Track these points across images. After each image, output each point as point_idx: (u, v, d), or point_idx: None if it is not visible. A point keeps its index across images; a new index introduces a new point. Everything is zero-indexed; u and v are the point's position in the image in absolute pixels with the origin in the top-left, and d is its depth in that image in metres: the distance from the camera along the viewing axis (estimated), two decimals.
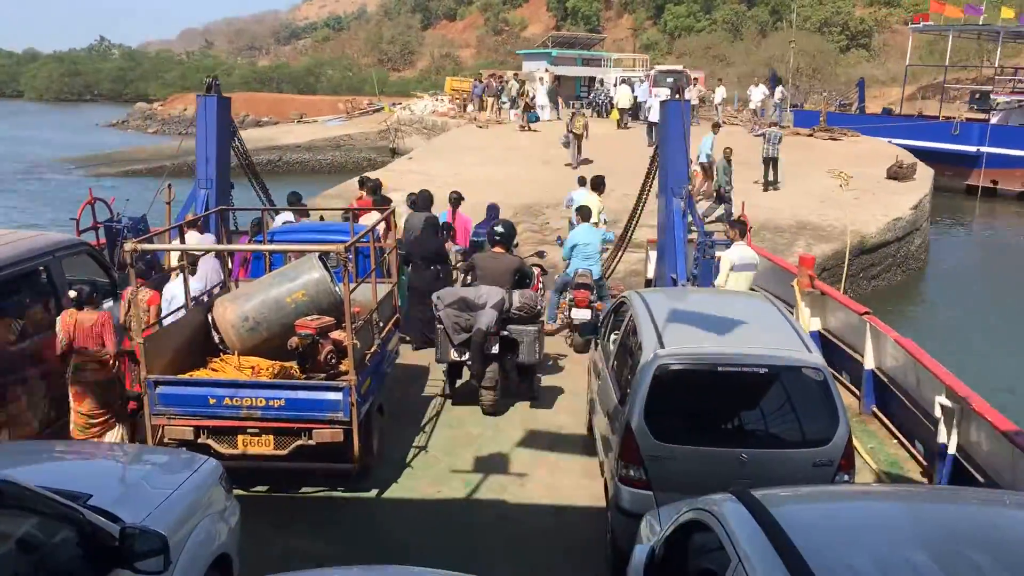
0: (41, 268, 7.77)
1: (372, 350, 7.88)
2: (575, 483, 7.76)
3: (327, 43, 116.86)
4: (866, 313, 9.62)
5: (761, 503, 3.69)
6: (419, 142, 39.77)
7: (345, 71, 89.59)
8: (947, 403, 7.43)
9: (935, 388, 7.76)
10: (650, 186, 13.55)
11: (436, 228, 11.52)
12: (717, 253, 11.06)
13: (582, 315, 11.27)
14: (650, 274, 14.00)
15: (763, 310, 7.33)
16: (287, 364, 7.69)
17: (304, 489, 7.55)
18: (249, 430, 7.06)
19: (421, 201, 12.08)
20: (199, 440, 7.01)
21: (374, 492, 7.52)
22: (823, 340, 10.45)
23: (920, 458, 8.17)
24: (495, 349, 9.13)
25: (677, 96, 12.39)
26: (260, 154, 42.19)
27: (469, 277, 9.98)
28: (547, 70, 45.48)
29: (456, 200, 13.03)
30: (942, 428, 7.46)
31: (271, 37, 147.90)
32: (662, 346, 6.26)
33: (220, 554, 5.04)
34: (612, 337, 7.87)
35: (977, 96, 41.12)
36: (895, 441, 8.75)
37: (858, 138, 32.54)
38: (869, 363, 9.42)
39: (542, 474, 7.93)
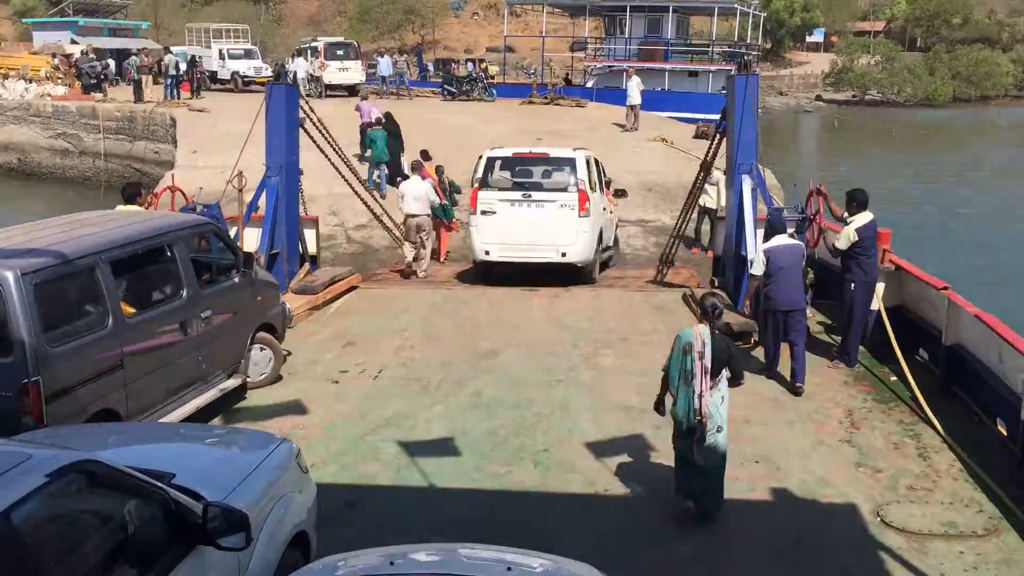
0: (167, 245, 8.16)
1: None
2: (645, 463, 7.76)
3: None
4: (944, 288, 9.35)
5: None
6: (30, 133, 33.15)
7: None
8: None
9: (1019, 364, 7.52)
10: (710, 164, 13.36)
11: None
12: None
13: None
14: (718, 251, 13.83)
15: None
16: None
17: (371, 470, 7.71)
18: None
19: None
20: None
21: (442, 468, 7.64)
22: (898, 316, 10.19)
23: (1003, 435, 7.94)
24: None
25: (743, 70, 12.17)
26: None
27: None
28: (73, 41, 41.21)
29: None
30: None
31: None
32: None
33: (298, 532, 5.15)
34: None
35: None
36: (975, 418, 8.52)
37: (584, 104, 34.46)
38: (948, 338, 9.17)
39: (610, 453, 7.92)
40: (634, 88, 28.44)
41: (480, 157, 13.98)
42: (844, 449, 8.02)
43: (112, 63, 38.46)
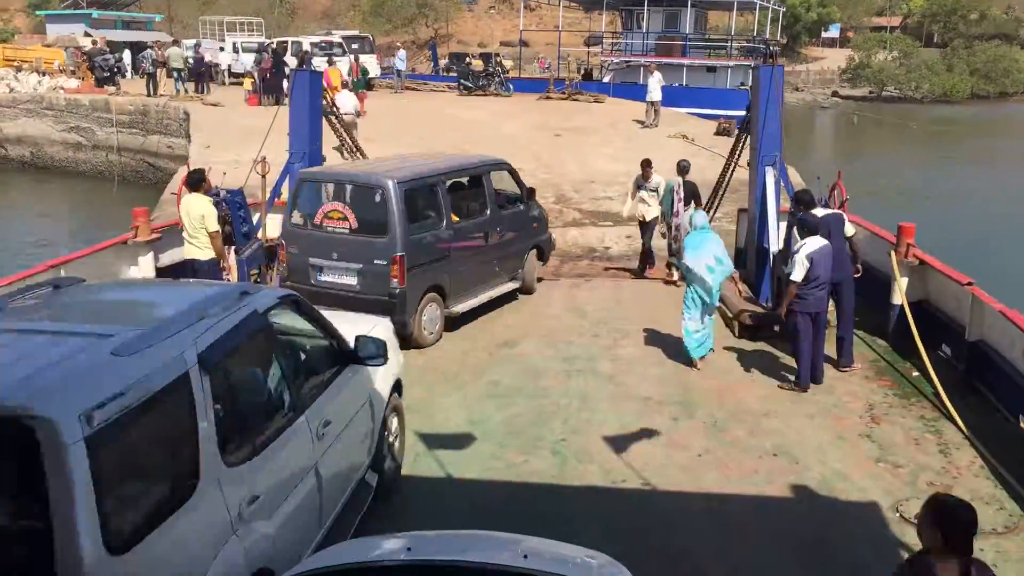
0: (481, 176, 11.64)
1: None
2: (663, 454, 7.75)
3: None
4: (969, 283, 9.25)
5: None
6: (42, 126, 32.65)
7: None
8: None
9: None
10: (737, 157, 13.26)
11: None
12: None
13: None
14: (741, 243, 13.73)
15: None
16: None
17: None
18: None
19: None
20: None
21: (459, 457, 7.65)
22: (921, 311, 10.09)
23: None
24: None
25: (769, 61, 12.04)
26: None
27: None
28: (87, 34, 40.91)
29: None
30: None
31: None
32: None
33: (398, 378, 7.15)
34: None
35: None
36: (998, 414, 8.43)
37: (603, 100, 34.50)
38: (971, 334, 9.08)
39: (628, 444, 7.92)
40: (655, 84, 28.22)
41: None
42: (864, 444, 7.97)
43: (128, 54, 38.19)
